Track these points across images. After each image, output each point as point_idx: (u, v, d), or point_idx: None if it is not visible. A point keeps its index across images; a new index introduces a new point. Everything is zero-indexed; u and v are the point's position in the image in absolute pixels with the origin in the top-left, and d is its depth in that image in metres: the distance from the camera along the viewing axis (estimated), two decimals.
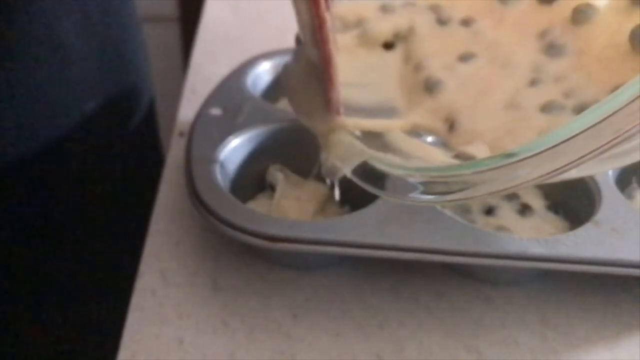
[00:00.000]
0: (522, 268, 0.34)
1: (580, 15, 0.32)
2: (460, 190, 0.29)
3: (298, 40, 0.35)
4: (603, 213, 0.34)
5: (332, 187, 0.36)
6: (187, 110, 0.45)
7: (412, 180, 0.31)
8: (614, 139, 0.24)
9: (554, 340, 0.33)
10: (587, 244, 0.32)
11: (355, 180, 0.33)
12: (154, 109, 0.53)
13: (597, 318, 0.34)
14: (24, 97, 0.41)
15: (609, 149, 0.24)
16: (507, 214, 0.36)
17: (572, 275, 0.35)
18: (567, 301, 0.35)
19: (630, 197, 0.37)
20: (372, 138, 0.33)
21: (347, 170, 0.33)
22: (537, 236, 0.33)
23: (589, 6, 0.32)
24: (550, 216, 0.37)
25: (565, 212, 0.37)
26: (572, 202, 0.36)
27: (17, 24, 0.39)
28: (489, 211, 0.36)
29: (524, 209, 0.36)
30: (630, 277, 0.33)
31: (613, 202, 0.34)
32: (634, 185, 0.37)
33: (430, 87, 0.34)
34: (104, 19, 0.45)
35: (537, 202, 0.37)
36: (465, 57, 0.34)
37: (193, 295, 0.34)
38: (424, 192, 0.30)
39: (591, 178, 0.36)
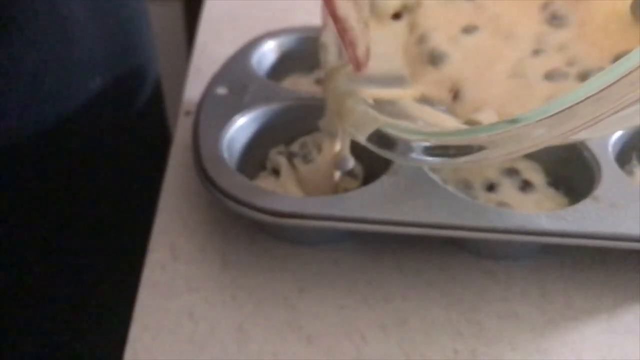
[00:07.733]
0: (522, 242, 0.35)
1: None
2: (473, 152, 0.29)
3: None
4: (602, 189, 0.34)
5: (347, 174, 0.37)
6: (193, 90, 0.45)
7: (425, 144, 0.31)
8: (623, 101, 0.25)
9: (553, 312, 0.34)
10: (587, 218, 0.33)
11: (371, 147, 0.33)
12: (160, 88, 0.53)
13: (595, 291, 0.35)
14: (27, 75, 0.41)
15: (618, 111, 0.25)
16: (508, 190, 0.37)
17: (572, 249, 0.36)
18: (566, 275, 0.35)
19: (630, 173, 0.37)
20: (384, 106, 0.34)
21: (361, 138, 0.33)
22: (537, 211, 0.34)
23: None
24: (551, 192, 0.37)
25: (566, 188, 0.37)
26: (573, 178, 0.37)
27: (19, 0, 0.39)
28: (491, 187, 0.37)
29: (525, 185, 0.37)
30: (628, 251, 0.34)
31: (612, 178, 0.35)
32: (634, 162, 0.38)
33: (434, 59, 0.34)
34: None
35: (538, 178, 0.38)
36: (468, 29, 0.35)
37: (202, 270, 0.35)
38: (438, 155, 0.31)
39: (591, 155, 0.36)
